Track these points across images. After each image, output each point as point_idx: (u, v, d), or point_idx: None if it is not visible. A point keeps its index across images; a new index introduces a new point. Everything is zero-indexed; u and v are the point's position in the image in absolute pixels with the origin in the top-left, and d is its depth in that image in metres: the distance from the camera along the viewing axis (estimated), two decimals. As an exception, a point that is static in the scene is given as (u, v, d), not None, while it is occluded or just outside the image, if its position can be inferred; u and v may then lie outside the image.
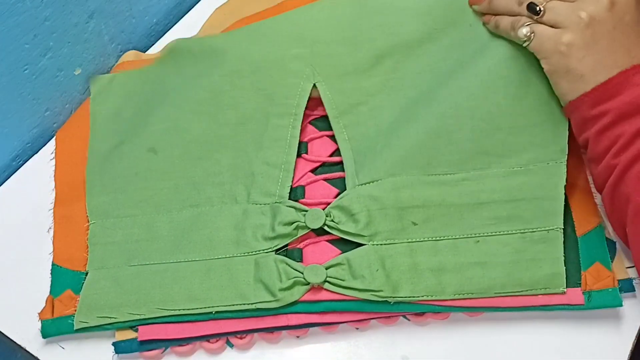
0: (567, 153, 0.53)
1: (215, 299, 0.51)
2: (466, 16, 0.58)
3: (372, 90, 0.58)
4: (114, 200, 0.57)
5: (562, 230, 0.52)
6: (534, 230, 0.52)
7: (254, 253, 0.52)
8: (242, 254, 0.53)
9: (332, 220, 0.52)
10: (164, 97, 0.61)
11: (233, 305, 0.51)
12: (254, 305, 0.50)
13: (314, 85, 0.58)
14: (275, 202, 0.54)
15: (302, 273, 0.50)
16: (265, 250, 0.52)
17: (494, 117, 0.54)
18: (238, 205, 0.55)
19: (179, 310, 0.51)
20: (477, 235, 0.52)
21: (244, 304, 0.50)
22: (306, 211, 0.53)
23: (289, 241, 0.52)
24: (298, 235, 0.53)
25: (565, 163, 0.53)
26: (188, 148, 0.58)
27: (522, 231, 0.52)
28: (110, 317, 0.51)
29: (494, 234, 0.52)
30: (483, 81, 0.54)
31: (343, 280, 0.50)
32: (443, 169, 0.54)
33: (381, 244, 0.51)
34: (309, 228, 0.52)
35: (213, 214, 0.55)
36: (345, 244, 0.52)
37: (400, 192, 0.53)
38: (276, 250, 0.52)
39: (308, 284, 0.50)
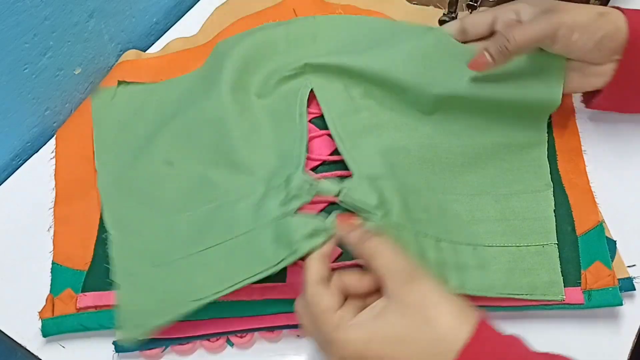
0: (552, 187, 0.56)
1: (241, 274, 0.49)
2: (458, 67, 0.58)
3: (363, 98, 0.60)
4: (133, 213, 0.57)
5: (556, 246, 0.53)
6: (529, 245, 0.53)
7: (271, 220, 0.51)
8: (261, 224, 0.51)
9: (346, 195, 0.51)
10: (175, 113, 0.62)
11: (257, 274, 0.49)
12: (276, 266, 0.48)
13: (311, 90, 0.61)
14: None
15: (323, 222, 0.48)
16: (282, 215, 0.51)
17: (481, 158, 0.58)
18: (257, 194, 0.54)
19: (211, 295, 0.49)
20: (475, 244, 0.53)
21: (267, 269, 0.48)
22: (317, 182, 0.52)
23: (303, 202, 0.51)
24: (312, 198, 0.51)
25: (552, 192, 0.56)
26: (203, 156, 0.58)
27: (517, 245, 0.53)
28: (152, 326, 0.50)
29: (490, 245, 0.53)
30: (469, 126, 0.58)
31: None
32: (439, 190, 0.56)
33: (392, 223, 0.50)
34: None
35: (232, 202, 0.55)
36: None
37: (405, 195, 0.53)
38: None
39: (326, 230, 0.48)
